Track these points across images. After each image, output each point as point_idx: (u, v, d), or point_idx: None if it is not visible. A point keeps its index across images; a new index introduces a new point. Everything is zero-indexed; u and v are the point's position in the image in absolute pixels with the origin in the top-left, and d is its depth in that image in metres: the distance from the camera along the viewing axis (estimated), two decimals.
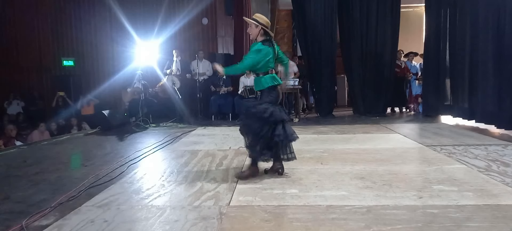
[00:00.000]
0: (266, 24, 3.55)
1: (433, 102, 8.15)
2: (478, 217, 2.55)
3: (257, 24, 3.53)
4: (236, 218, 2.65)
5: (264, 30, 3.55)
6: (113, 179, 3.72)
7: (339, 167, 3.96)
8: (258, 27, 3.54)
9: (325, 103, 8.91)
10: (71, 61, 11.28)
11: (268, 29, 3.57)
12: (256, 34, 3.58)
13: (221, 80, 8.76)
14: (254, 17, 3.60)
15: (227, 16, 10.45)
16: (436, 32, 7.96)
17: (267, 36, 3.59)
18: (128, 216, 2.74)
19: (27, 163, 4.66)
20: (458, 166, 3.87)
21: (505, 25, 5.78)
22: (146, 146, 5.50)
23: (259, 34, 3.57)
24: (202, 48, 10.30)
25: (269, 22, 3.60)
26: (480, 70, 6.44)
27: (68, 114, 9.76)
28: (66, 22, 11.36)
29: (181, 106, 8.34)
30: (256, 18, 3.57)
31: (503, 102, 5.89)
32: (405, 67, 9.33)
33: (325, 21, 8.61)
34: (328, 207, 2.79)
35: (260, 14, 3.67)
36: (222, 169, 3.99)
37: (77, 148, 5.86)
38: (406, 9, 10.33)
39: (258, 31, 3.56)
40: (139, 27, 9.92)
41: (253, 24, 3.56)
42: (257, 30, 3.56)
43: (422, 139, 5.46)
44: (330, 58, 8.70)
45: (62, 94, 10.51)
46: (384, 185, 3.28)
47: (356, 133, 6.21)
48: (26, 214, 2.79)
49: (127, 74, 9.12)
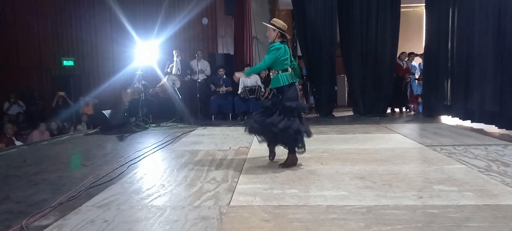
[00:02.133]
0: (283, 28, 3.93)
1: (433, 102, 8.15)
2: (478, 217, 2.55)
3: (274, 28, 3.91)
4: (236, 218, 2.65)
5: (281, 33, 3.93)
6: (113, 179, 3.72)
7: (339, 167, 3.96)
8: (276, 31, 3.92)
9: (325, 103, 8.90)
10: (71, 61, 11.28)
11: (285, 33, 3.95)
12: (274, 37, 3.96)
13: (221, 80, 8.76)
14: (272, 22, 3.98)
15: (227, 16, 10.45)
16: (436, 32, 7.96)
17: (284, 39, 3.96)
18: (128, 216, 2.74)
19: (27, 163, 4.66)
20: (458, 166, 3.87)
21: (506, 25, 5.78)
22: (146, 146, 5.50)
23: (277, 36, 3.95)
24: (202, 48, 10.31)
25: (285, 26, 3.97)
26: (480, 70, 6.44)
27: (70, 115, 9.79)
28: (66, 22, 11.35)
29: (181, 106, 8.34)
30: (274, 22, 3.96)
31: (503, 103, 5.88)
32: (407, 68, 9.33)
33: (325, 21, 8.61)
34: (328, 207, 2.79)
35: (277, 19, 4.06)
36: (222, 169, 3.99)
37: (77, 148, 5.86)
38: (406, 9, 10.34)
39: (276, 35, 3.94)
40: (139, 27, 9.93)
41: (271, 28, 3.94)
42: (275, 34, 3.94)
43: (422, 139, 5.46)
44: (330, 58, 8.69)
45: (62, 94, 10.51)
46: (384, 185, 3.28)
47: (356, 133, 6.21)
48: (26, 214, 2.79)
49: (127, 74, 9.13)
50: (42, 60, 11.50)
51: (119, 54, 10.62)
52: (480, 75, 6.42)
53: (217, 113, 8.71)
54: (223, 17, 10.71)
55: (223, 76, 8.79)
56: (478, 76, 6.49)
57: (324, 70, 8.70)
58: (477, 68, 6.54)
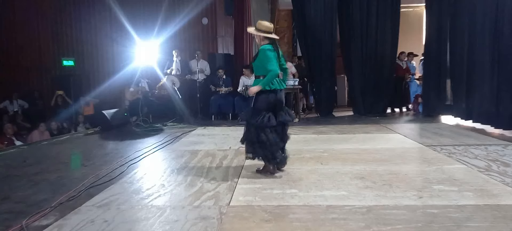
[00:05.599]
0: (266, 30, 3.72)
1: (433, 102, 8.15)
2: (478, 217, 2.55)
3: (258, 33, 3.74)
4: (236, 218, 2.65)
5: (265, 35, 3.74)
6: (113, 179, 3.72)
7: (339, 167, 3.96)
8: (260, 35, 3.76)
9: (325, 103, 8.90)
10: (71, 61, 11.26)
11: (269, 35, 3.74)
12: (260, 40, 3.80)
13: (221, 80, 8.76)
14: (256, 26, 3.78)
15: (227, 16, 10.44)
16: (436, 32, 7.96)
17: (271, 40, 3.77)
18: (128, 216, 2.74)
19: (27, 163, 4.67)
20: (458, 166, 3.87)
21: (503, 25, 5.78)
22: (146, 146, 5.50)
23: (261, 39, 3.78)
24: (202, 48, 10.30)
25: (270, 26, 3.76)
26: (480, 70, 6.44)
27: (69, 115, 9.78)
28: (66, 22, 11.34)
29: (181, 106, 8.34)
30: (257, 26, 3.76)
31: (503, 103, 5.88)
32: (406, 68, 9.33)
33: (325, 21, 8.60)
34: (328, 207, 2.79)
35: (261, 20, 3.85)
36: (222, 169, 3.99)
37: (77, 148, 5.86)
38: (406, 9, 10.33)
39: (261, 38, 3.78)
40: (139, 27, 9.92)
41: (255, 34, 3.78)
42: (260, 38, 3.79)
43: (422, 139, 5.46)
44: (330, 58, 8.69)
45: (61, 93, 10.49)
46: (384, 185, 3.28)
47: (356, 133, 6.21)
48: (26, 214, 2.79)
49: (127, 74, 9.13)
50: (42, 60, 11.49)
51: (119, 54, 10.62)
52: (480, 75, 6.42)
53: (217, 113, 8.71)
54: (223, 17, 10.71)
55: (223, 77, 8.78)
56: (478, 76, 6.49)
57: (324, 70, 8.69)
58: (476, 68, 6.55)
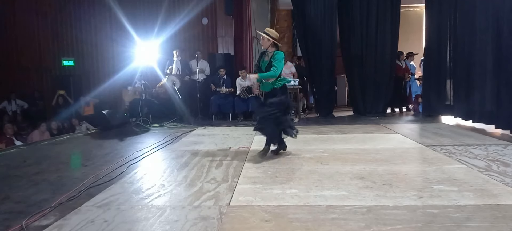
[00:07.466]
0: (276, 38, 4.42)
1: (433, 102, 8.14)
2: (478, 217, 2.55)
3: (269, 38, 4.37)
4: (236, 218, 2.65)
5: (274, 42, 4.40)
6: (113, 179, 3.72)
7: (339, 167, 3.96)
8: (270, 41, 4.39)
9: (325, 103, 8.90)
10: (71, 61, 11.28)
11: (277, 42, 4.43)
12: (268, 45, 4.43)
13: (222, 80, 8.76)
14: (265, 31, 4.45)
15: (227, 16, 10.44)
16: (437, 32, 7.95)
17: (277, 47, 4.45)
18: (128, 216, 2.74)
19: (27, 163, 4.66)
20: (458, 166, 3.87)
21: (503, 25, 5.77)
22: (146, 146, 5.50)
23: (270, 45, 4.42)
24: (202, 48, 10.30)
25: (278, 35, 4.48)
26: (480, 70, 6.43)
27: (70, 114, 9.78)
28: (66, 22, 11.35)
29: (181, 106, 8.34)
30: (268, 32, 4.42)
31: (503, 103, 5.88)
32: (406, 68, 9.33)
33: (325, 21, 8.60)
34: (328, 207, 2.79)
35: (269, 28, 4.61)
36: (222, 169, 3.99)
37: (77, 148, 5.86)
38: (406, 9, 10.33)
39: (269, 44, 4.41)
40: (139, 27, 9.91)
41: (265, 38, 4.39)
42: (269, 43, 4.41)
43: (422, 139, 5.46)
44: (330, 58, 8.69)
45: (62, 93, 10.51)
46: (384, 185, 3.28)
47: (356, 133, 6.21)
48: (26, 214, 2.79)
49: (127, 74, 9.12)
50: (42, 60, 11.50)
51: (119, 54, 10.62)
52: (480, 75, 6.42)
53: (217, 113, 8.71)
54: (223, 17, 10.72)
55: (224, 77, 8.78)
56: (478, 76, 6.49)
57: (324, 70, 8.69)
58: (477, 68, 6.54)
